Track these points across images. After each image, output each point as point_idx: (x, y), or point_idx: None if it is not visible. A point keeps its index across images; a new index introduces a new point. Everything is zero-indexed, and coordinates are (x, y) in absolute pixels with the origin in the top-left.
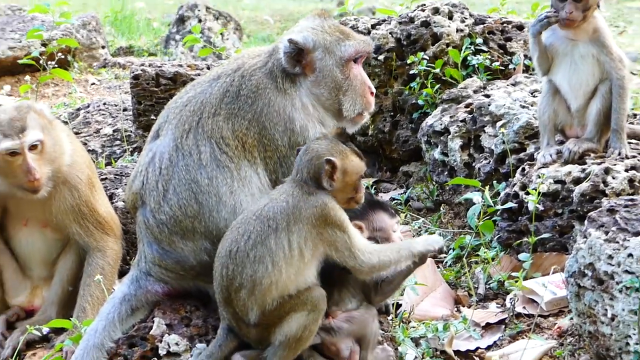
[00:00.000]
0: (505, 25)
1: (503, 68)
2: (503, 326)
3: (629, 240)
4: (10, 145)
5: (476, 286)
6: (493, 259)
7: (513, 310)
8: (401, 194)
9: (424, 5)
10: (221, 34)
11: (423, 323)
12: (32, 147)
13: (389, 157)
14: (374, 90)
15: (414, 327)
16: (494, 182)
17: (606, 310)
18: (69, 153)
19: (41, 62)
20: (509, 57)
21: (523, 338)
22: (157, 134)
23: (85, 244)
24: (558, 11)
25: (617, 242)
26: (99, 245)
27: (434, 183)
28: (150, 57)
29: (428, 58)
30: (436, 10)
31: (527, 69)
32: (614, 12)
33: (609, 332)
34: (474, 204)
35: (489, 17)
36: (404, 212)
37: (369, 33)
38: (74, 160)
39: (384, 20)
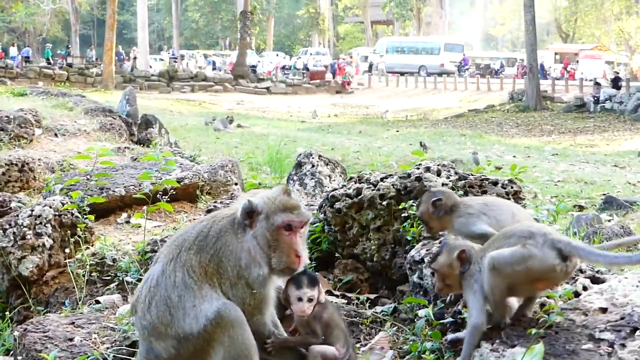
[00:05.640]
0: (483, 181)
1: None
2: None
3: (506, 350)
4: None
5: None
6: None
7: None
8: (389, 307)
9: (420, 164)
10: (329, 176)
11: None
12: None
13: (389, 279)
14: (301, 255)
15: None
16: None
17: None
18: None
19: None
20: None
21: None
22: (155, 262)
23: None
24: None
25: (499, 352)
26: None
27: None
28: None
29: None
30: (428, 169)
31: None
32: None
33: None
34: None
35: (472, 175)
36: (390, 321)
37: (376, 185)
38: None
39: (390, 175)
